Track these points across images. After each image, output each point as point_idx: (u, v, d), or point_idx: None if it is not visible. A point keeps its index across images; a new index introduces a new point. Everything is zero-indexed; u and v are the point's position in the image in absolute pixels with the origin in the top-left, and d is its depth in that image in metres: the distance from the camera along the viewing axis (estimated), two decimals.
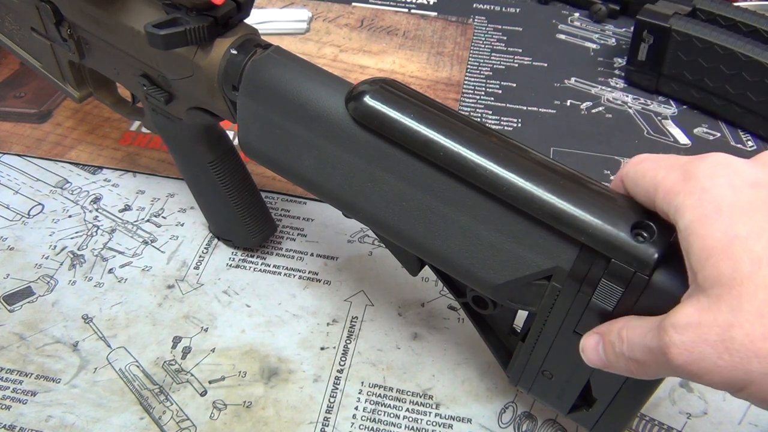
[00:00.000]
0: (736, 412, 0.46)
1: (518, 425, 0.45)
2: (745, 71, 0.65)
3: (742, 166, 0.29)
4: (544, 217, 0.33)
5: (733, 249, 0.26)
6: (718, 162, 0.29)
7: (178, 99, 0.47)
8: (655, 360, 0.29)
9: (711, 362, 0.26)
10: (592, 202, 0.32)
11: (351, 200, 0.39)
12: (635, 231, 0.31)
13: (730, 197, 0.27)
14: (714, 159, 0.29)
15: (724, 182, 0.28)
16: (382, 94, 0.36)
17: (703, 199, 0.28)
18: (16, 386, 0.46)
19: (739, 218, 0.27)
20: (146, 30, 0.39)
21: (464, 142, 0.34)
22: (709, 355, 0.26)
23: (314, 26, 0.82)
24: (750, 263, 0.26)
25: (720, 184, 0.28)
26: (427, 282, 0.54)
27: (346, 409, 0.46)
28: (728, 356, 0.26)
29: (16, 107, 0.69)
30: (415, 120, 0.35)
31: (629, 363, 0.30)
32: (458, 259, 0.36)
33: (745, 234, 0.26)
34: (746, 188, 0.28)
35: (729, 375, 0.26)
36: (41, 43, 0.54)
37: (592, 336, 0.33)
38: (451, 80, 0.74)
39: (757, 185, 0.28)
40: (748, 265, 0.26)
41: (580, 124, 0.70)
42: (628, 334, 0.30)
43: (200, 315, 0.51)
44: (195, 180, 0.53)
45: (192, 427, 0.45)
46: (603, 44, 0.81)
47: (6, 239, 0.56)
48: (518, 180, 0.33)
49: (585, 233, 0.32)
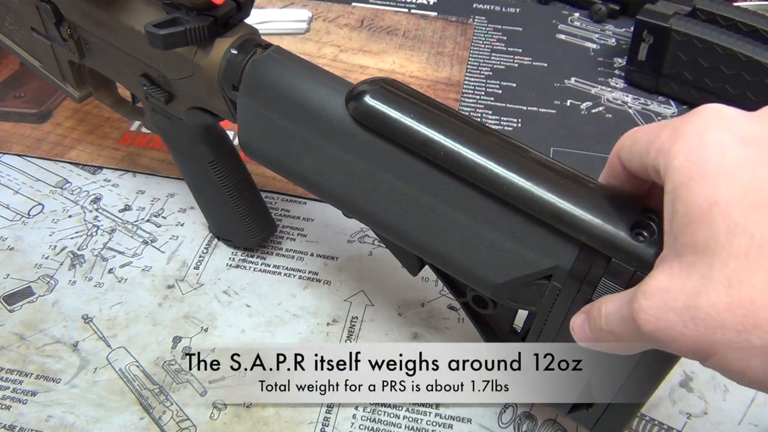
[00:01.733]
0: (736, 412, 0.46)
1: (518, 425, 0.45)
2: (745, 71, 0.65)
3: (738, 119, 0.27)
4: (544, 216, 0.33)
5: (711, 215, 0.25)
6: (710, 116, 0.27)
7: (178, 99, 0.47)
8: (628, 329, 0.28)
9: (677, 330, 0.26)
10: (592, 201, 0.32)
11: (351, 200, 0.39)
12: (635, 230, 0.31)
13: (716, 157, 0.26)
14: (706, 112, 0.28)
15: (714, 140, 0.27)
16: (383, 94, 0.36)
17: (690, 160, 0.26)
18: (16, 386, 0.46)
19: (722, 181, 0.25)
20: (146, 30, 0.39)
21: (464, 141, 0.34)
22: (675, 323, 0.26)
23: (314, 26, 0.82)
24: (726, 231, 0.25)
25: (708, 142, 0.27)
26: (427, 282, 0.54)
27: (346, 409, 0.46)
28: (693, 325, 0.25)
29: (16, 107, 0.69)
30: (415, 120, 0.35)
31: (608, 336, 0.30)
32: (458, 259, 0.36)
33: (725, 199, 0.25)
34: (736, 146, 0.26)
35: (694, 344, 0.26)
36: (41, 43, 0.54)
37: (580, 315, 0.32)
38: (451, 80, 0.74)
39: (749, 142, 0.26)
40: (723, 232, 0.25)
41: (580, 124, 0.70)
42: (606, 307, 0.30)
43: (200, 315, 0.51)
44: (195, 180, 0.53)
45: (192, 427, 0.45)
46: (603, 44, 0.81)
47: (6, 239, 0.56)
48: (518, 179, 0.33)
49: (585, 232, 0.32)
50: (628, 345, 0.29)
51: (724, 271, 0.25)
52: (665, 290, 0.26)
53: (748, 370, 0.25)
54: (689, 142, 0.27)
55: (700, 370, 0.48)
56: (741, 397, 0.47)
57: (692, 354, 0.26)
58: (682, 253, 0.26)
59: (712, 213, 0.25)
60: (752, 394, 0.47)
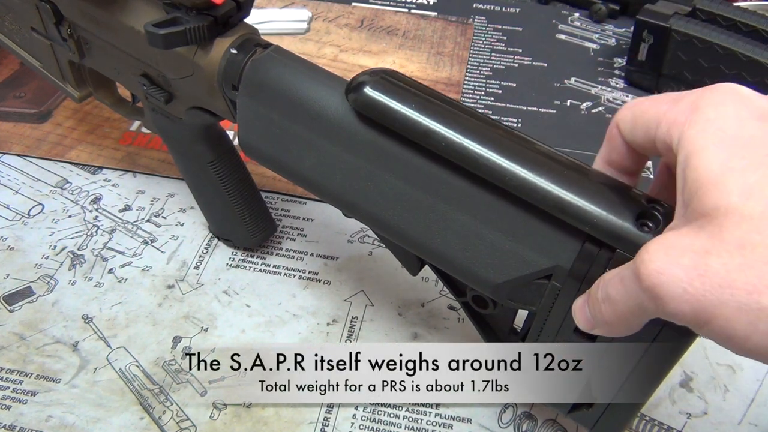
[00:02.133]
0: (736, 412, 0.46)
1: (518, 425, 0.45)
2: (745, 71, 0.65)
3: (754, 97, 0.27)
4: (547, 206, 0.32)
5: (725, 180, 0.25)
6: (728, 92, 0.27)
7: (178, 99, 0.47)
8: (625, 289, 0.27)
9: (681, 288, 0.25)
10: (597, 191, 0.32)
11: (351, 200, 0.39)
12: (640, 221, 0.30)
13: (733, 129, 0.26)
14: (724, 88, 0.28)
15: (731, 113, 0.26)
16: (383, 84, 0.36)
17: (706, 130, 0.26)
18: (16, 386, 0.46)
19: (738, 151, 0.25)
20: (146, 29, 0.39)
21: (466, 131, 0.34)
22: (680, 279, 0.25)
23: (314, 26, 0.82)
24: (739, 194, 0.25)
25: (726, 114, 0.26)
26: (427, 282, 0.54)
27: (346, 409, 0.46)
28: (699, 283, 0.24)
29: (16, 107, 0.69)
30: (416, 110, 0.35)
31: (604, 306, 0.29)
32: (458, 259, 0.36)
33: (741, 167, 0.25)
34: (753, 121, 0.26)
35: (697, 304, 0.25)
36: (41, 43, 0.54)
37: (581, 297, 0.32)
38: (451, 80, 0.74)
39: (765, 118, 0.26)
40: (737, 196, 0.25)
41: (580, 124, 0.70)
42: (605, 277, 0.30)
43: (200, 315, 0.51)
44: (195, 180, 0.53)
45: (192, 427, 0.45)
46: (603, 44, 0.81)
47: (6, 239, 0.56)
48: (521, 170, 0.33)
49: (589, 223, 0.31)
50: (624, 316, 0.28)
51: (736, 233, 0.24)
52: (672, 246, 0.26)
53: (754, 335, 0.24)
54: (706, 113, 0.27)
55: (700, 370, 0.48)
56: (741, 397, 0.47)
57: (690, 316, 0.25)
58: (692, 218, 0.26)
59: (726, 177, 0.25)
60: (752, 394, 0.47)
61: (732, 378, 0.48)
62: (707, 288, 0.24)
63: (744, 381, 0.47)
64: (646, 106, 0.30)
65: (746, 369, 0.48)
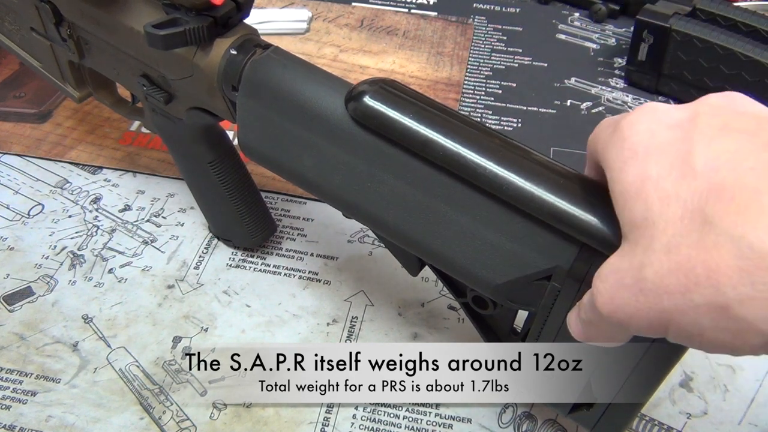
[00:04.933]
0: (736, 412, 0.46)
1: (518, 425, 0.45)
2: (745, 71, 0.65)
3: (667, 110, 0.28)
4: (544, 216, 0.33)
5: (645, 189, 0.26)
6: (643, 110, 0.29)
7: (177, 99, 0.47)
8: (594, 315, 0.28)
9: (631, 307, 0.26)
10: (592, 201, 0.32)
11: (351, 200, 0.39)
12: None
13: (646, 141, 0.27)
14: (640, 108, 0.29)
15: (644, 128, 0.28)
16: (382, 94, 0.36)
17: (623, 147, 0.28)
18: (16, 386, 0.46)
19: (651, 159, 0.27)
20: (146, 30, 0.39)
21: (464, 141, 0.34)
22: (628, 299, 0.26)
23: (314, 26, 0.82)
24: (660, 201, 0.25)
25: (639, 130, 0.28)
26: (427, 282, 0.54)
27: (346, 409, 0.46)
28: (643, 297, 0.25)
29: (16, 107, 0.69)
30: (414, 120, 0.35)
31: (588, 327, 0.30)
32: (458, 259, 0.36)
33: (656, 174, 0.26)
34: (664, 130, 0.27)
35: (648, 317, 0.26)
36: (41, 43, 0.54)
37: (574, 309, 0.33)
38: (451, 80, 0.74)
39: (675, 126, 0.27)
40: (657, 203, 0.26)
41: (580, 124, 0.70)
42: (583, 300, 0.31)
43: (200, 315, 0.51)
44: (195, 180, 0.53)
45: (192, 427, 0.45)
46: (603, 44, 0.81)
47: (6, 239, 0.56)
48: (518, 180, 0.33)
49: (585, 233, 0.32)
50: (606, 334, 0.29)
51: (663, 240, 0.25)
52: (616, 270, 0.27)
53: (705, 332, 0.25)
54: (623, 132, 0.28)
55: (700, 370, 0.48)
56: (741, 397, 0.47)
57: (651, 329, 0.26)
58: (627, 231, 0.27)
59: (646, 187, 0.26)
60: (752, 394, 0.47)
61: (732, 378, 0.48)
62: (650, 299, 0.25)
63: (744, 381, 0.47)
64: (596, 130, 0.32)
65: (746, 369, 0.48)
